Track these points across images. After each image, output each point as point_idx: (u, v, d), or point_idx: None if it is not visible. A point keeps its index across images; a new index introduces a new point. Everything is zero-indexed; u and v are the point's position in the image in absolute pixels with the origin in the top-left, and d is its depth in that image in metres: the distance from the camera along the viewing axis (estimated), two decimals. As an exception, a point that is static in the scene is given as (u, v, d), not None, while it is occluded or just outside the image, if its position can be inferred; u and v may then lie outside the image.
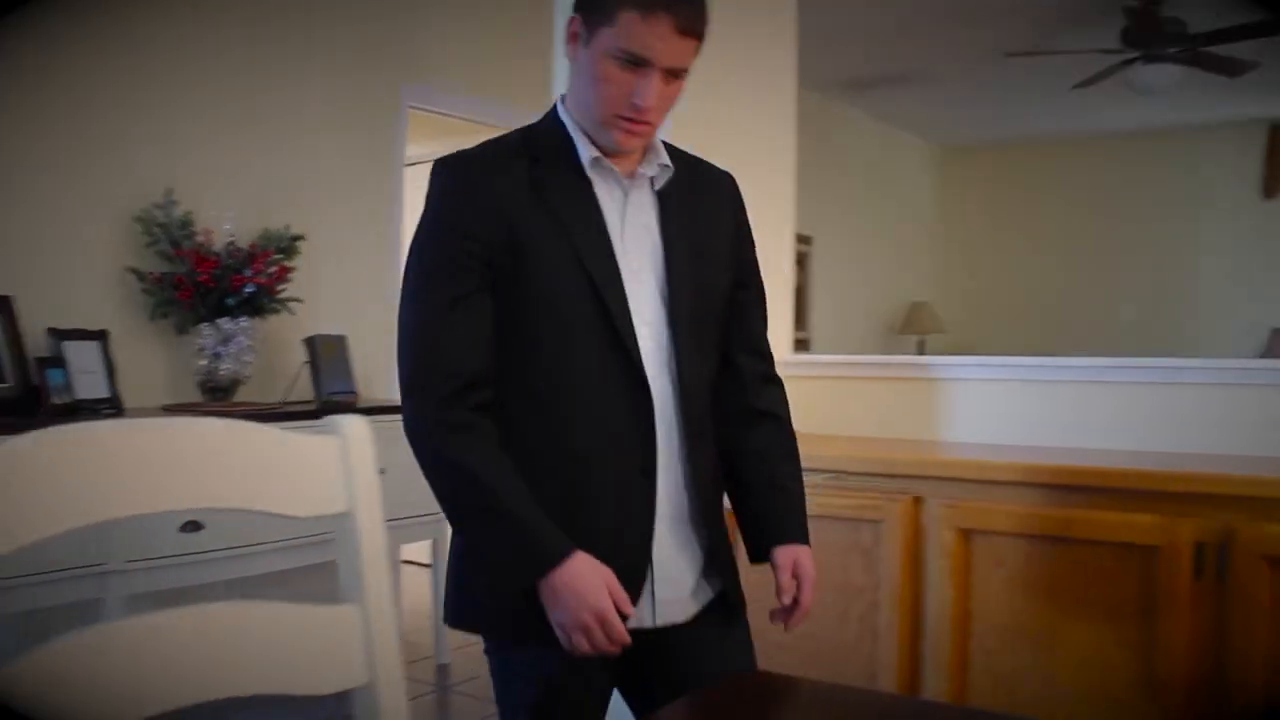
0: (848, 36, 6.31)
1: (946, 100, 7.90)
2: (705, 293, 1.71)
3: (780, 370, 3.04)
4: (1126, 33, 5.45)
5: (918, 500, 2.44)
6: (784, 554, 1.73)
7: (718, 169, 1.84)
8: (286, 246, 3.86)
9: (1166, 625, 2.16)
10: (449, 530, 1.72)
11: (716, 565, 1.73)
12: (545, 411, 1.63)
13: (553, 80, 2.93)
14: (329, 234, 4.31)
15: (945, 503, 2.39)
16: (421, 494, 1.61)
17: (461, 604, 1.73)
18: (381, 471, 1.10)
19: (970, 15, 5.86)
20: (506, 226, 1.59)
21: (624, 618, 1.53)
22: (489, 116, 5.05)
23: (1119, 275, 8.91)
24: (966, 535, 2.38)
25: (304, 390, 3.94)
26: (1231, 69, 5.81)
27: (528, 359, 1.62)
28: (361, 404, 3.97)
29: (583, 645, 1.53)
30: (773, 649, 2.58)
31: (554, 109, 1.72)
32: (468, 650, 4.43)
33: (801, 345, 7.46)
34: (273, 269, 3.77)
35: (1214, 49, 5.66)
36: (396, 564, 4.76)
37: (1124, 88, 5.87)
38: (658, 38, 1.52)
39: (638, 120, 1.57)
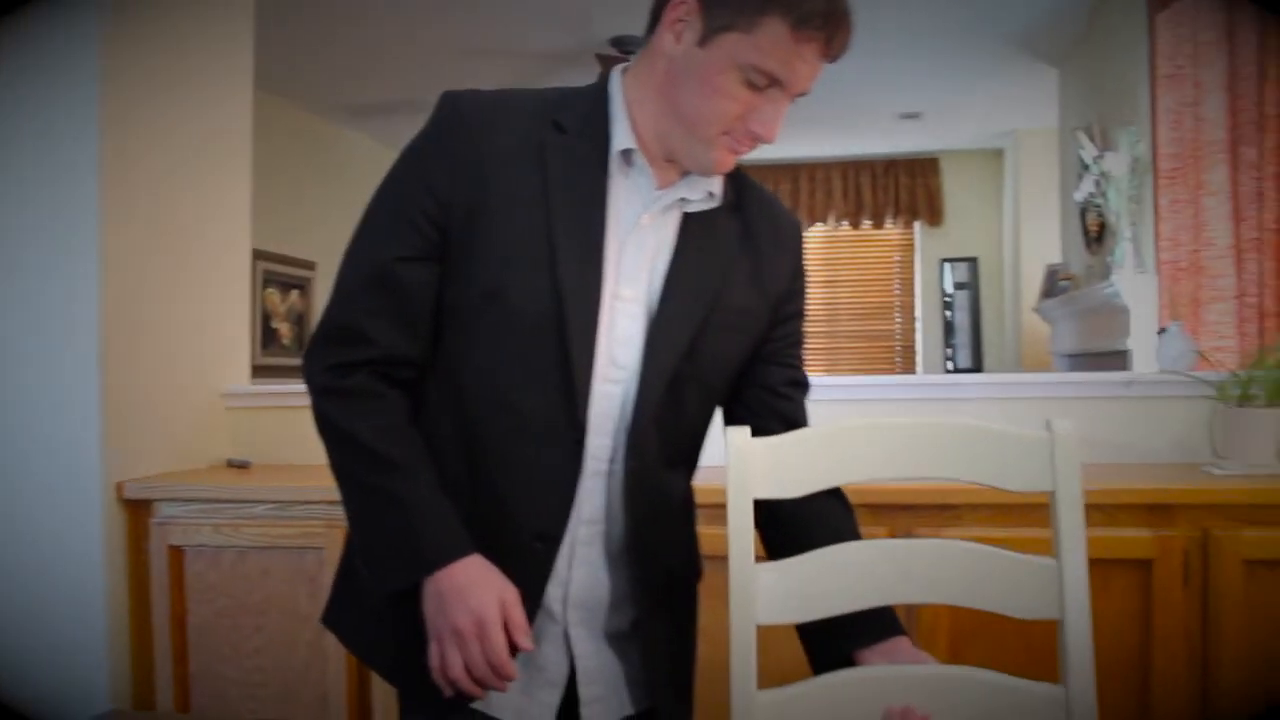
0: (348, 62, 6.33)
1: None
2: (707, 359, 1.39)
3: (236, 403, 3.03)
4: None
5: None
6: (889, 654, 1.37)
7: (785, 212, 1.50)
8: None
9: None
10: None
11: (650, 677, 1.43)
12: (459, 421, 1.33)
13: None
14: None
15: (383, 525, 2.46)
16: None
17: (365, 630, 1.42)
18: None
19: (466, 49, 6.08)
20: (479, 191, 1.29)
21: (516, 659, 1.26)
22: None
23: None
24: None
25: None
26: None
27: (457, 353, 1.33)
28: None
29: (453, 662, 1.22)
30: (215, 680, 2.56)
31: (607, 77, 1.40)
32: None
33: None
34: None
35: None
36: None
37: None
38: (803, 60, 1.25)
39: (747, 144, 1.30)
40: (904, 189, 9.06)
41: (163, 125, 2.85)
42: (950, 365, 9.06)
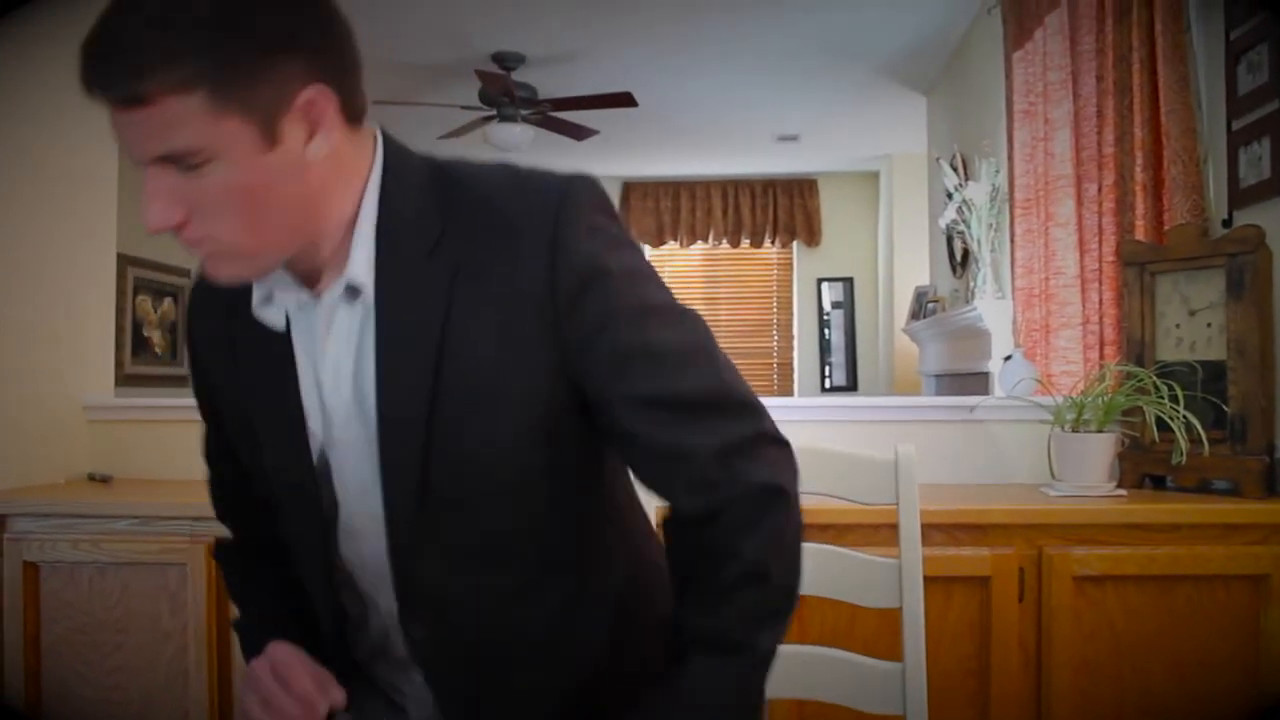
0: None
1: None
2: (466, 461, 1.10)
3: (98, 415, 2.98)
4: (483, 93, 5.91)
5: (220, 541, 2.48)
6: None
7: (522, 223, 1.07)
8: None
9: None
10: None
11: None
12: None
13: None
14: None
15: (246, 542, 2.46)
16: None
17: None
18: None
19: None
20: (207, 385, 1.26)
21: None
22: None
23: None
24: (268, 572, 2.47)
25: None
26: (576, 133, 6.50)
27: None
28: None
29: None
30: (70, 700, 2.52)
31: None
32: None
33: (180, 381, 7.20)
34: None
35: (562, 114, 6.30)
36: None
37: (484, 142, 6.34)
38: (115, 125, 0.98)
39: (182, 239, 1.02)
40: (782, 209, 9.26)
41: (20, 125, 2.80)
42: (827, 383, 9.26)
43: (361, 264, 1.08)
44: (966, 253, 5.32)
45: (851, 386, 9.14)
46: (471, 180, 1.12)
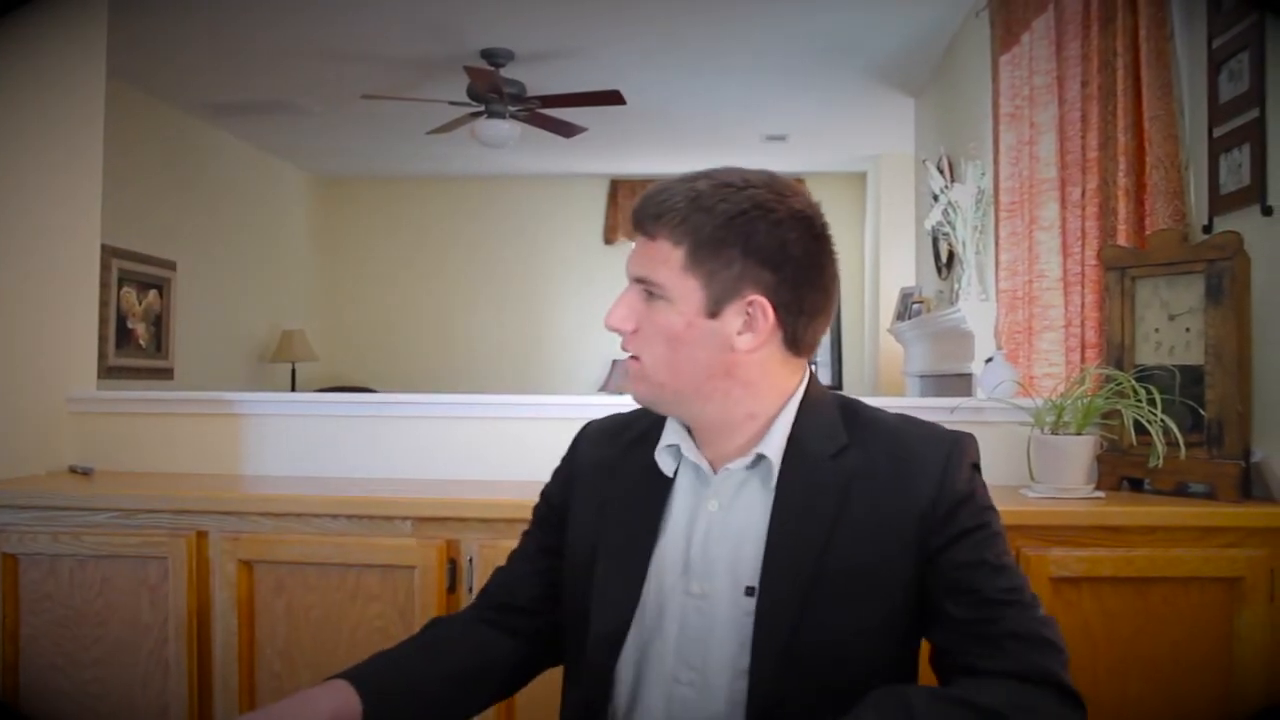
0: (216, 59, 6.23)
1: (318, 131, 8.01)
2: (826, 647, 1.27)
3: (80, 407, 2.98)
4: (471, 89, 5.89)
5: (202, 534, 2.49)
6: None
7: (919, 452, 1.34)
8: None
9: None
10: None
11: None
12: None
13: None
14: None
15: (228, 535, 2.46)
16: None
17: None
18: None
19: (335, 53, 6.03)
20: (564, 503, 1.49)
21: None
22: None
23: (481, 310, 9.54)
24: (249, 566, 2.47)
25: None
26: (565, 131, 6.50)
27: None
28: None
29: None
30: (48, 694, 2.52)
31: None
32: None
33: (164, 374, 7.19)
34: None
35: (550, 111, 6.30)
36: None
37: (471, 138, 6.32)
38: (634, 249, 1.35)
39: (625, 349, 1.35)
40: (770, 208, 9.24)
41: (4, 117, 2.79)
42: (811, 381, 9.25)
43: (774, 446, 1.33)
44: (951, 254, 5.34)
45: (836, 386, 9.15)
46: (872, 414, 1.40)
